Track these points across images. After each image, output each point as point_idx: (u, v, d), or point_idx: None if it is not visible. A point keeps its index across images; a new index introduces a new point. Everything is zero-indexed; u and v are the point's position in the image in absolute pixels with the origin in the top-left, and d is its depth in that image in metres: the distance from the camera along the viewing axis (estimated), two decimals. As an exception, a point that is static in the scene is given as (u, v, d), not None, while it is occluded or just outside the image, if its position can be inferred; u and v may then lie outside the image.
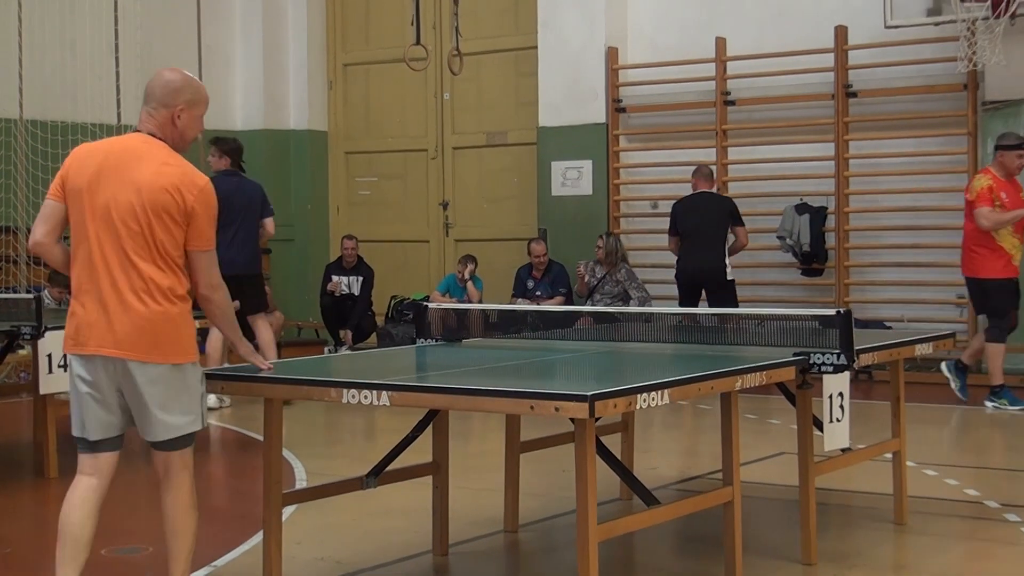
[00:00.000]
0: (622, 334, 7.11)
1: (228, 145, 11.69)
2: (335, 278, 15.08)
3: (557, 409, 4.57)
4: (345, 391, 5.00)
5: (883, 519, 6.91)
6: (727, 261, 12.40)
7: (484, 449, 9.25)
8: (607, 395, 4.59)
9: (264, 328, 11.64)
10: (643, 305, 13.14)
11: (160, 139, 4.96)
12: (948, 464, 8.55)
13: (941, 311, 13.11)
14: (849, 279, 13.41)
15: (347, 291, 15.08)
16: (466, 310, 7.04)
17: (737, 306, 11.88)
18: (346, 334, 14.99)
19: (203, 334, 12.99)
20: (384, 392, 4.92)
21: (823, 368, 5.70)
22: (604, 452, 5.31)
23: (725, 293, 12.29)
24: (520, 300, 13.98)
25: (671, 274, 14.16)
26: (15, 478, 8.84)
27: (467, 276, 14.40)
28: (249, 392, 5.40)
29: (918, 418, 10.85)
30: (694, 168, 12.83)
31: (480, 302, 13.53)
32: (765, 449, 9.19)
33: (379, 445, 8.68)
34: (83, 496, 4.99)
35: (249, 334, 12.07)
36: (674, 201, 12.86)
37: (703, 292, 12.42)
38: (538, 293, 14.12)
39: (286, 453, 9.08)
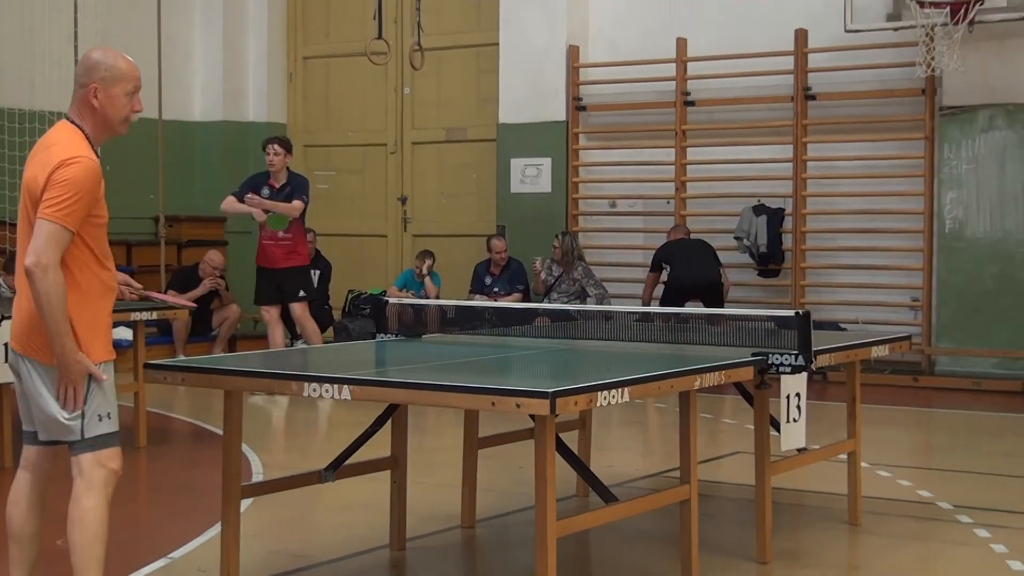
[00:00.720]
0: (580, 332, 7.13)
1: (289, 143, 12.13)
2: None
3: (518, 405, 4.58)
4: (306, 384, 5.00)
5: (837, 519, 6.97)
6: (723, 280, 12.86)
7: (442, 445, 9.26)
8: (568, 392, 4.60)
9: (306, 319, 12.07)
10: (601, 302, 13.19)
11: (77, 123, 4.76)
12: (901, 465, 8.64)
13: (896, 313, 13.22)
14: (805, 280, 13.50)
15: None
16: (424, 306, 7.01)
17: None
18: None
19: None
20: (345, 386, 4.92)
21: (781, 369, 5.74)
22: (563, 449, 5.32)
23: (718, 302, 12.57)
24: (478, 296, 13.98)
25: (629, 272, 14.30)
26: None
27: (425, 271, 14.38)
28: (210, 384, 5.40)
29: (871, 419, 10.94)
30: (672, 227, 13.37)
31: (437, 297, 13.54)
32: (721, 448, 9.27)
33: (335, 439, 8.66)
34: (19, 491, 4.95)
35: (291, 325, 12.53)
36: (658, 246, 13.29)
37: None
38: (496, 289, 14.13)
39: (242, 446, 9.07)
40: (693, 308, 11.23)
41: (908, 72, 12.46)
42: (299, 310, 12.13)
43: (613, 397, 4.86)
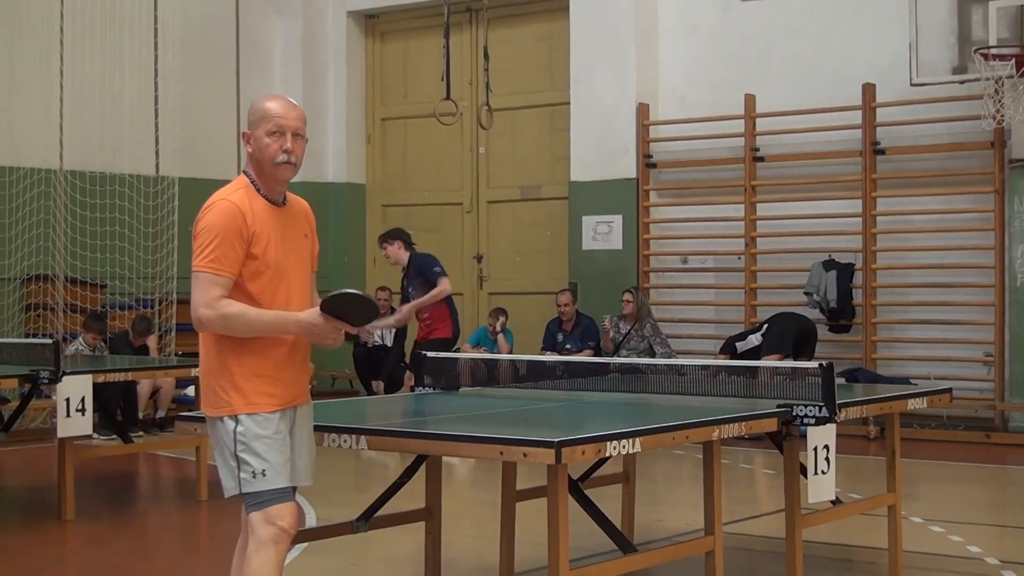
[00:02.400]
0: (626, 385, 7.18)
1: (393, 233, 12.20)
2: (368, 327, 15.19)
3: (525, 455, 4.66)
4: (326, 435, 5.12)
5: (878, 574, 6.93)
6: None
7: (486, 499, 9.32)
8: (574, 442, 4.67)
9: None
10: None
11: (246, 172, 4.80)
12: (957, 521, 8.54)
13: (968, 369, 13.07)
14: (876, 336, 13.40)
15: (380, 342, 15.21)
16: (455, 360, 7.10)
17: None
18: (378, 385, 15.09)
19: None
20: (362, 436, 5.05)
21: (805, 420, 5.75)
22: (581, 499, 5.39)
23: None
24: (549, 353, 14.05)
25: (696, 328, 14.31)
26: (34, 519, 9.00)
27: (498, 329, 14.51)
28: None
29: (939, 476, 10.88)
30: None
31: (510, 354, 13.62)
32: (774, 503, 9.23)
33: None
34: (238, 550, 4.96)
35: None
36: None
37: None
38: (568, 347, 14.20)
39: (299, 498, 9.20)
40: (725, 361, 11.09)
41: (976, 125, 12.38)
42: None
43: (624, 447, 4.91)
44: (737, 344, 13.12)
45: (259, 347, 4.69)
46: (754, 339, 13.01)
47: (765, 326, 13.09)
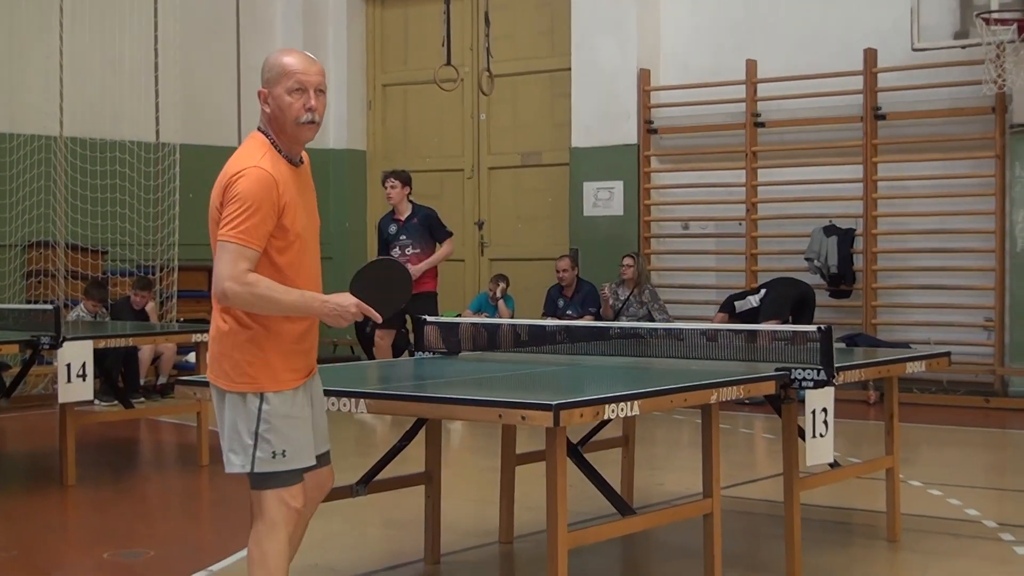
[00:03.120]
0: (626, 349, 7.19)
1: (405, 174, 12.52)
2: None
3: (523, 418, 4.69)
4: (326, 399, 5.13)
5: (877, 536, 6.96)
6: None
7: (485, 463, 9.35)
8: (573, 404, 4.69)
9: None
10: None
11: (264, 131, 4.54)
12: (956, 484, 8.56)
13: (969, 334, 13.07)
14: (877, 301, 13.41)
15: (381, 307, 15.15)
16: (456, 325, 7.11)
17: None
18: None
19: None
20: (362, 400, 5.07)
21: (804, 383, 5.77)
22: (581, 462, 5.41)
23: None
24: (550, 319, 14.06)
25: (697, 294, 14.34)
26: (36, 484, 9.05)
27: (499, 295, 14.52)
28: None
29: (939, 440, 10.92)
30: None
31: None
32: (775, 467, 9.26)
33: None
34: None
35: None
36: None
37: None
38: (568, 312, 14.21)
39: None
40: (725, 325, 11.07)
41: (977, 90, 12.35)
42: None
43: (622, 410, 4.92)
44: (736, 303, 13.13)
45: (291, 319, 4.49)
46: (752, 300, 13.03)
47: (763, 290, 13.11)
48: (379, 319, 4.53)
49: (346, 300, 4.45)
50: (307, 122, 4.50)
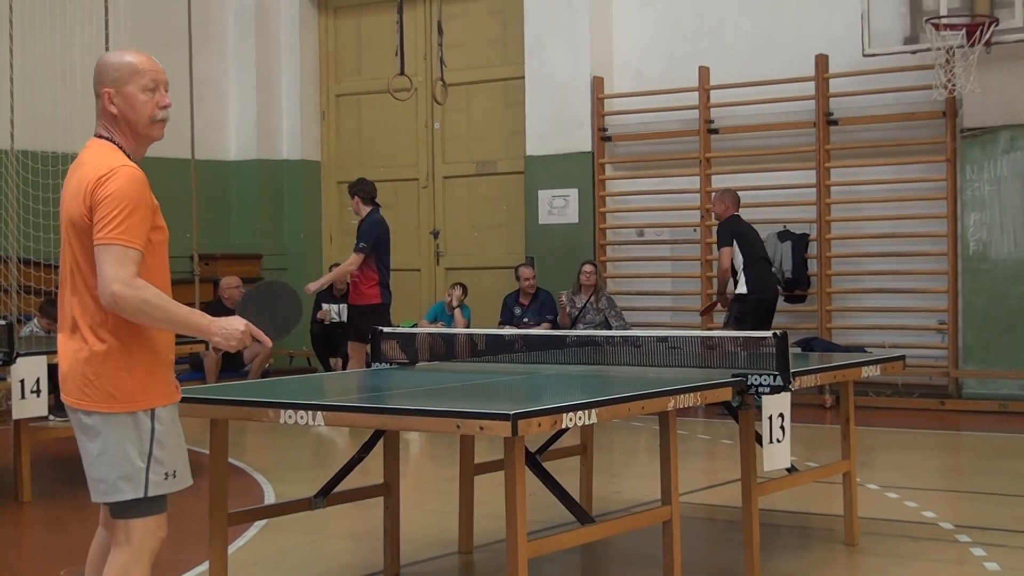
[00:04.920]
0: (583, 358, 7.19)
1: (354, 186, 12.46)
2: (325, 306, 15.17)
3: (482, 428, 4.67)
4: (283, 411, 5.12)
5: (836, 540, 6.99)
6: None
7: (444, 473, 9.34)
8: (531, 414, 4.68)
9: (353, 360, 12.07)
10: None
11: (106, 136, 4.32)
12: (912, 487, 8.61)
13: (923, 337, 13.18)
14: (831, 305, 13.49)
15: (337, 319, 15.14)
16: (413, 335, 7.10)
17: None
18: (336, 362, 15.06)
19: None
20: (319, 412, 5.04)
21: (760, 389, 5.79)
22: (539, 471, 5.41)
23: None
24: (507, 327, 14.07)
25: (653, 301, 14.38)
26: (-10, 502, 8.96)
27: (454, 303, 14.51)
28: (192, 413, 5.49)
29: (895, 443, 10.97)
30: (728, 192, 12.72)
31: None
32: (733, 473, 9.29)
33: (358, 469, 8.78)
34: (96, 549, 4.57)
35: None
36: (725, 219, 12.56)
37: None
38: (525, 320, 14.22)
39: (258, 476, 9.21)
40: (681, 331, 10.90)
41: (928, 95, 12.45)
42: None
43: (580, 419, 4.92)
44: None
45: (161, 331, 4.28)
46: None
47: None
48: (269, 343, 4.44)
49: (235, 322, 4.30)
50: (161, 120, 4.36)
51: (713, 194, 12.67)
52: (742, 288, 12.33)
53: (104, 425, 4.21)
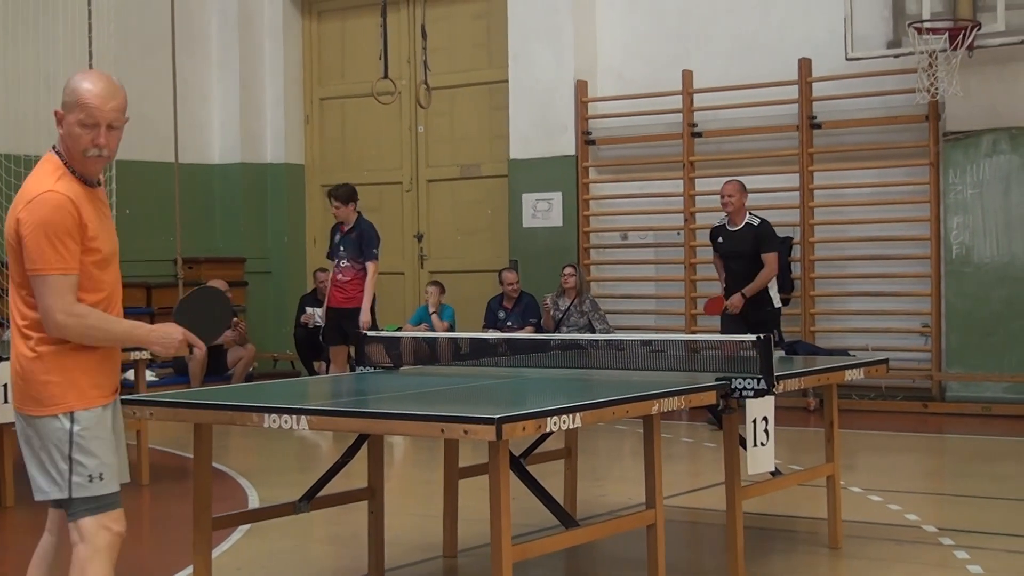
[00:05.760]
0: (567, 361, 7.20)
1: (344, 192, 12.28)
2: (309, 310, 15.16)
3: (466, 432, 4.67)
4: (267, 416, 5.11)
5: (819, 543, 7.01)
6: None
7: (428, 477, 9.33)
8: (515, 418, 4.68)
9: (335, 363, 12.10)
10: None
11: (57, 151, 4.41)
12: (896, 490, 8.64)
13: (906, 339, 13.21)
14: (815, 309, 13.52)
15: (321, 323, 15.12)
16: (397, 339, 7.10)
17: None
18: (320, 365, 15.04)
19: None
20: (303, 416, 5.04)
21: (744, 393, 5.80)
22: (524, 475, 5.41)
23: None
24: (491, 330, 14.06)
25: (638, 304, 14.38)
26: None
27: (431, 308, 14.51)
28: (176, 418, 5.50)
29: (879, 446, 11.01)
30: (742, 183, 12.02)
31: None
32: (717, 476, 9.31)
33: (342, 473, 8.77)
34: (40, 555, 4.62)
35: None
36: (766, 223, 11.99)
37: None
38: (509, 324, 14.21)
39: (242, 481, 9.19)
40: (667, 335, 10.62)
41: (911, 99, 12.47)
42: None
43: (564, 422, 4.93)
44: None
45: None
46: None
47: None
48: (203, 347, 4.66)
49: (172, 329, 4.53)
50: (94, 156, 4.37)
51: (726, 181, 12.05)
52: (777, 300, 11.91)
53: (32, 428, 4.39)
